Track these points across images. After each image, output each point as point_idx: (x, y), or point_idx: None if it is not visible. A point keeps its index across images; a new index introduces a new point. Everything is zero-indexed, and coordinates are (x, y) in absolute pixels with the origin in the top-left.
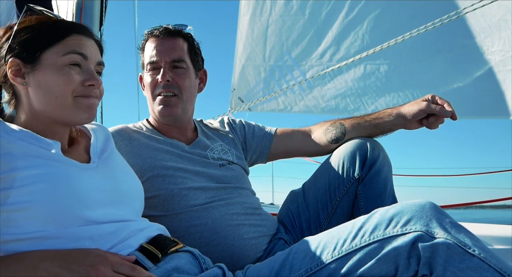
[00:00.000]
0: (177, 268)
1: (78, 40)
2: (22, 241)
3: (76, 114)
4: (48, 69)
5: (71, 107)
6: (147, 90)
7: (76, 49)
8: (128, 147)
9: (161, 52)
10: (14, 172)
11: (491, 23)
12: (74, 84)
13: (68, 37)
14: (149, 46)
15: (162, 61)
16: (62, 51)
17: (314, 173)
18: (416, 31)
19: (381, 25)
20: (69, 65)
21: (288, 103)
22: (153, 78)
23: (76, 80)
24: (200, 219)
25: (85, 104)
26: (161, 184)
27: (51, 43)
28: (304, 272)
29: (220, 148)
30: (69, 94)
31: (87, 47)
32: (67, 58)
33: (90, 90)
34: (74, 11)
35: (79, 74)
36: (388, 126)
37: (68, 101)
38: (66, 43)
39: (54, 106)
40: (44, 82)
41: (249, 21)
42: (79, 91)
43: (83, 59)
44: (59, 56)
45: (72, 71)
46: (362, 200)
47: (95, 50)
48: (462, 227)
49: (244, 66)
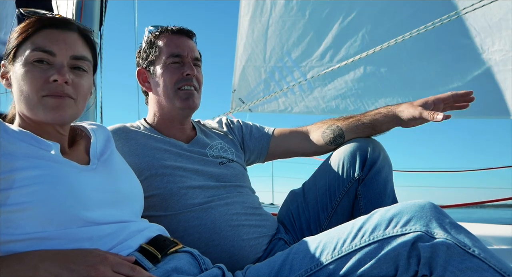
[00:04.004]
0: (176, 269)
1: (47, 35)
2: (21, 241)
3: (44, 114)
4: (18, 67)
5: (38, 107)
6: (167, 82)
7: (41, 46)
8: (126, 146)
9: (186, 48)
10: (14, 172)
11: (492, 23)
12: (37, 82)
13: (37, 33)
14: (169, 41)
15: (188, 56)
16: (29, 48)
17: (314, 173)
18: (416, 31)
19: (381, 26)
20: (33, 62)
21: (289, 104)
22: (177, 71)
23: (39, 78)
24: (199, 220)
25: (51, 104)
26: (159, 183)
27: (24, 40)
28: (304, 272)
29: (219, 146)
30: (34, 92)
31: (57, 42)
32: (32, 55)
33: (55, 86)
34: (74, 11)
35: (46, 71)
36: (384, 126)
37: (35, 100)
38: (35, 40)
39: (25, 106)
40: (16, 81)
41: (249, 22)
42: (44, 88)
43: (50, 55)
44: (26, 53)
45: (35, 69)
46: (362, 200)
47: (71, 43)
48: (462, 227)
49: (244, 67)
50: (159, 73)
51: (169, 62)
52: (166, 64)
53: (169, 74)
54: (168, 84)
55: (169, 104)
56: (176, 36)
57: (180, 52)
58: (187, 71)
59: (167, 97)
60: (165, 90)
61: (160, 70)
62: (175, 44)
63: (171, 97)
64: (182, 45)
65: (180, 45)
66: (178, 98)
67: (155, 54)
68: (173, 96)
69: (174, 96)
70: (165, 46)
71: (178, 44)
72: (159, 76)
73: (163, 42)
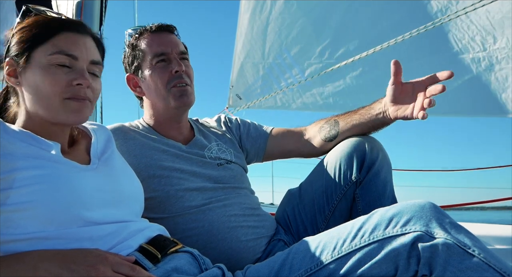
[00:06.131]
0: (176, 269)
1: (68, 38)
2: (21, 241)
3: (65, 116)
4: (36, 69)
5: (59, 109)
6: (158, 84)
7: (64, 49)
8: (124, 146)
9: (169, 44)
10: (14, 172)
11: (493, 21)
12: (60, 85)
13: (57, 35)
14: (150, 41)
15: (172, 53)
16: (50, 50)
17: (311, 172)
18: (416, 31)
19: (380, 23)
20: (56, 65)
21: (286, 100)
22: (166, 70)
23: (62, 80)
24: (197, 222)
25: (73, 107)
26: (157, 185)
27: (40, 42)
28: (304, 272)
29: (218, 148)
30: (56, 95)
31: (78, 46)
32: (54, 58)
33: (78, 90)
34: (74, 11)
35: (67, 74)
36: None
37: (56, 103)
38: (55, 42)
39: (43, 107)
40: (33, 82)
41: (249, 19)
42: (67, 92)
43: (71, 59)
44: (46, 55)
45: (58, 71)
46: (360, 203)
47: (89, 48)
48: (462, 227)
49: (242, 64)
50: (148, 76)
51: (155, 62)
52: (153, 65)
53: (158, 75)
54: (160, 85)
55: (164, 105)
56: (157, 34)
57: (164, 49)
58: (175, 68)
59: (161, 99)
60: (157, 92)
61: (148, 73)
62: (157, 43)
63: (165, 97)
64: (164, 42)
65: (163, 43)
66: (172, 97)
67: (140, 57)
68: (167, 96)
69: (168, 96)
70: (147, 47)
71: (160, 42)
72: (149, 79)
73: (145, 43)
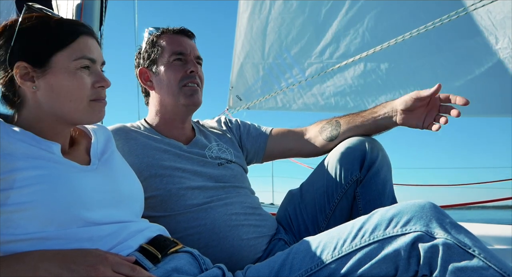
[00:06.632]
0: (176, 269)
1: (86, 42)
2: (21, 241)
3: (89, 117)
4: (61, 73)
5: (85, 111)
6: (171, 80)
7: (86, 54)
8: (126, 146)
9: (189, 46)
10: (14, 173)
11: (496, 21)
12: (86, 88)
13: (77, 39)
14: (171, 40)
15: (190, 55)
16: (74, 56)
17: (312, 173)
18: (416, 31)
19: (381, 23)
20: (80, 68)
21: (287, 101)
22: (181, 69)
23: (88, 84)
24: (198, 220)
25: (98, 108)
26: (159, 184)
27: (61, 47)
28: (304, 272)
29: (218, 147)
30: (84, 98)
31: (95, 49)
32: (79, 62)
33: (100, 92)
34: (74, 11)
35: (89, 76)
36: (382, 118)
37: (83, 105)
38: (76, 47)
39: (68, 109)
40: (57, 86)
41: (248, 19)
42: (91, 94)
43: (91, 62)
44: (71, 61)
45: (83, 75)
46: (361, 202)
47: (99, 50)
48: (462, 227)
49: (242, 64)
50: (163, 71)
51: (172, 59)
52: (169, 62)
53: (173, 72)
54: (173, 81)
55: (173, 102)
56: (178, 36)
57: (183, 50)
58: (190, 68)
59: (171, 95)
60: (169, 88)
61: (164, 68)
62: (177, 42)
63: (176, 94)
64: (184, 44)
65: (183, 44)
66: (182, 94)
67: (158, 53)
68: (177, 93)
69: (178, 93)
70: (167, 45)
71: (180, 43)
72: (163, 74)
73: (166, 41)
